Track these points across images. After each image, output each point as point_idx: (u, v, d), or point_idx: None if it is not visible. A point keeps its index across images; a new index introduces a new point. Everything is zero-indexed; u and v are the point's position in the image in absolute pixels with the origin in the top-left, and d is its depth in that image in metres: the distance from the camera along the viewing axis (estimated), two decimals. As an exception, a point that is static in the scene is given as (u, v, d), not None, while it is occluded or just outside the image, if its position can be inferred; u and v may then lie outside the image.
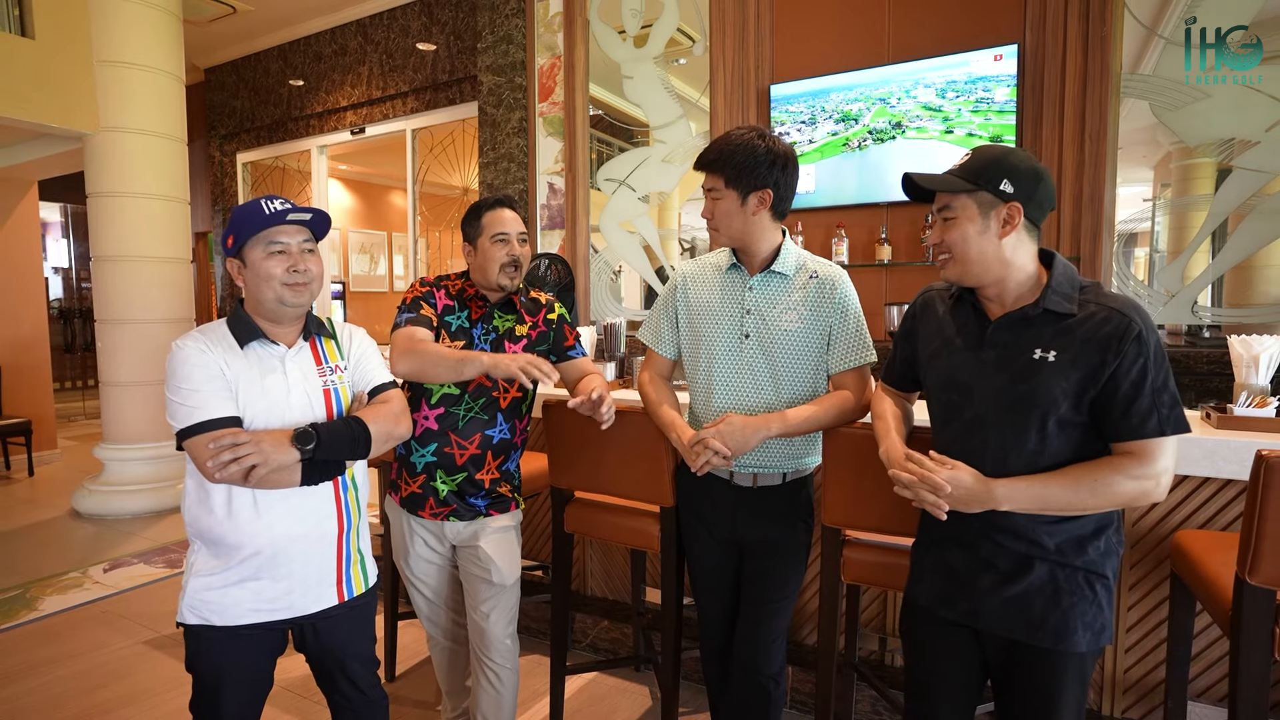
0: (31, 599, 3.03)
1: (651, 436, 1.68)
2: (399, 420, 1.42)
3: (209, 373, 1.27)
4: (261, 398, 1.31)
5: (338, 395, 1.40)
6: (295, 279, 1.33)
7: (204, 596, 1.31)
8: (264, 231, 1.31)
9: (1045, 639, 1.14)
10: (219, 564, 1.31)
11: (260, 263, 1.32)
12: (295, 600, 1.35)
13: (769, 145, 1.47)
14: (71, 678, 2.41)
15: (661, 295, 1.70)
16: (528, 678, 2.31)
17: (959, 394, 1.21)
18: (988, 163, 1.16)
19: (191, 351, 1.28)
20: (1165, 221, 2.98)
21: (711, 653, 1.70)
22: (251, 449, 1.20)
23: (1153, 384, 1.08)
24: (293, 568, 1.34)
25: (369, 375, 1.46)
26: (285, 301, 1.33)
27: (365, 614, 1.48)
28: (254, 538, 1.30)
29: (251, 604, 1.32)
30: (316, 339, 1.42)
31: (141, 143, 4.15)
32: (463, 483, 1.69)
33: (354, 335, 1.49)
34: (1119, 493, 1.08)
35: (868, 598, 2.15)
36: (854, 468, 1.53)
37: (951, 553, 1.24)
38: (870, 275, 3.34)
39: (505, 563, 1.72)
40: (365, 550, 1.49)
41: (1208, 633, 1.74)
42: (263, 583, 1.32)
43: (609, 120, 4.08)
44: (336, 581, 1.41)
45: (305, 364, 1.38)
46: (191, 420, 1.24)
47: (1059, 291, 1.14)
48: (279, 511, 1.31)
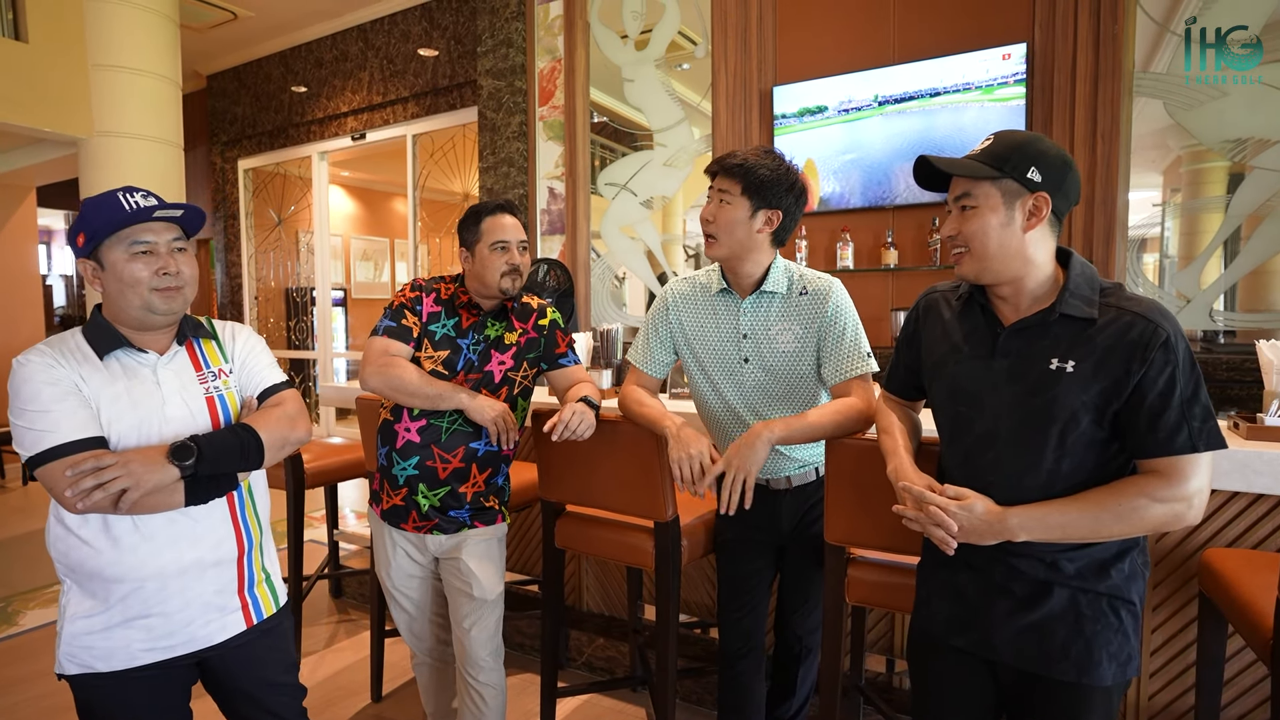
0: (13, 614, 2.96)
1: (645, 449, 1.59)
2: (294, 424, 1.27)
3: (60, 389, 1.10)
4: (130, 412, 1.15)
5: (223, 402, 1.25)
6: (166, 283, 1.17)
7: (84, 642, 1.15)
8: (126, 230, 1.15)
9: (1067, 671, 1.05)
10: (96, 604, 1.15)
11: (122, 265, 1.15)
12: (196, 632, 1.21)
13: (789, 171, 1.48)
14: (42, 697, 2.33)
15: (651, 315, 1.67)
16: (519, 698, 2.22)
17: (968, 406, 1.12)
18: (1013, 148, 1.05)
19: (37, 368, 1.11)
20: (1175, 226, 2.90)
21: (743, 662, 1.67)
22: (119, 470, 1.05)
23: (1182, 395, 0.98)
24: (188, 597, 1.19)
25: (257, 377, 1.31)
26: (155, 309, 1.18)
27: (279, 637, 1.34)
28: (137, 569, 1.14)
29: (143, 643, 1.17)
30: (194, 341, 1.27)
31: (136, 148, 4.11)
32: (445, 497, 1.62)
33: (237, 333, 1.35)
34: (1147, 518, 0.99)
35: (874, 617, 2.05)
36: (858, 482, 1.43)
37: (962, 576, 1.14)
38: (876, 280, 3.26)
39: (487, 576, 1.65)
40: (272, 569, 1.35)
41: (1240, 657, 1.63)
42: (153, 619, 1.16)
43: (611, 125, 4.02)
44: (242, 606, 1.27)
45: (182, 371, 1.23)
46: (42, 445, 1.07)
47: (1077, 294, 1.04)
48: (165, 537, 1.16)
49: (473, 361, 1.64)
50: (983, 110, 2.98)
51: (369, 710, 2.24)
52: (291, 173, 6.35)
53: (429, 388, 1.54)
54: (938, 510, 1.05)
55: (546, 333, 1.72)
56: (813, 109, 3.31)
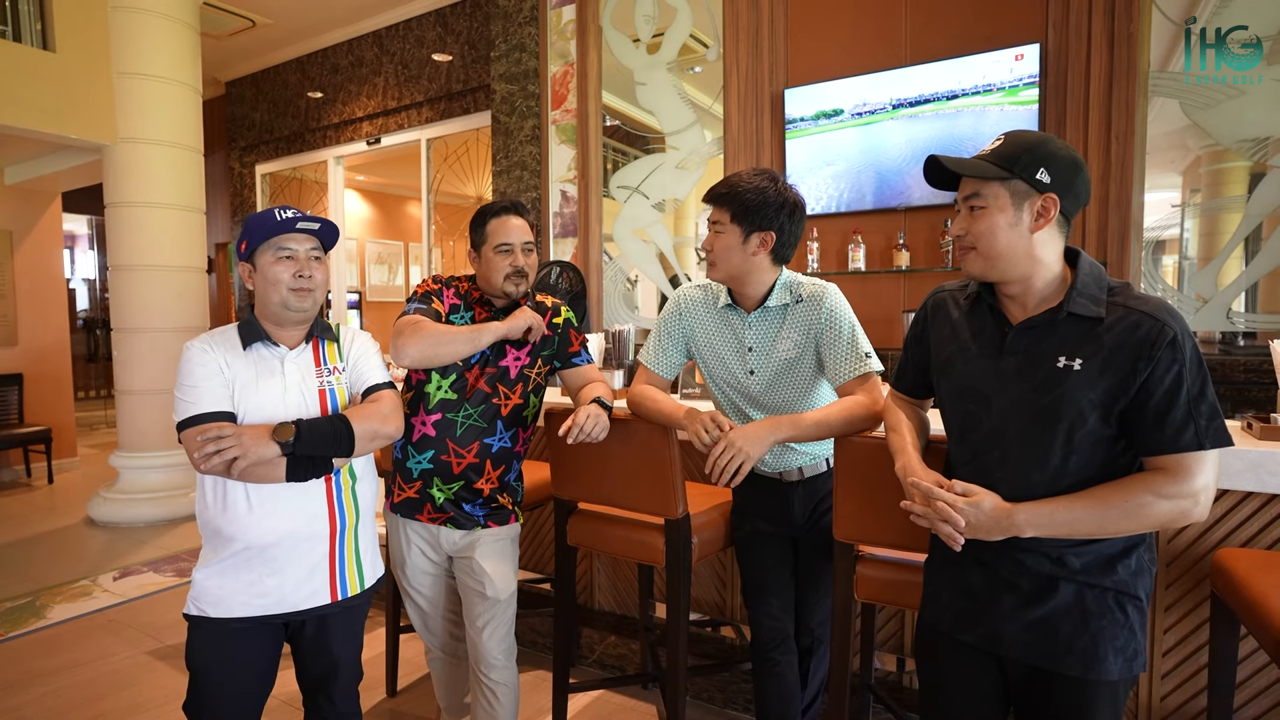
0: (40, 607, 3.03)
1: (656, 446, 1.62)
2: (387, 419, 1.42)
3: (208, 370, 1.33)
4: (256, 395, 1.35)
5: (333, 395, 1.43)
6: (300, 284, 1.38)
7: (204, 587, 1.35)
8: (274, 238, 1.38)
9: (1073, 666, 1.05)
10: (215, 555, 1.36)
11: (269, 267, 1.38)
12: (287, 595, 1.37)
13: (779, 190, 1.50)
14: (74, 688, 2.38)
15: (664, 317, 1.70)
16: (531, 694, 2.24)
17: (976, 404, 1.13)
18: (1023, 149, 1.06)
19: (196, 351, 1.35)
20: (1195, 227, 2.87)
21: (776, 651, 1.69)
22: (232, 442, 1.24)
23: (1189, 393, 0.99)
24: (282, 563, 1.36)
25: (365, 376, 1.48)
26: (289, 306, 1.38)
27: (356, 616, 1.49)
28: (245, 530, 1.33)
29: (244, 597, 1.35)
30: (320, 341, 1.47)
31: (159, 153, 4.20)
32: (460, 490, 1.64)
33: (355, 338, 1.53)
34: (1154, 514, 0.99)
35: (884, 615, 2.05)
36: (867, 480, 1.45)
37: (969, 572, 1.15)
38: (888, 282, 3.26)
39: (500, 576, 1.67)
40: (366, 552, 1.49)
41: (1254, 659, 1.62)
42: (255, 575, 1.35)
43: (623, 128, 4.05)
44: (330, 580, 1.42)
45: (305, 365, 1.43)
46: (186, 414, 1.30)
47: (1085, 293, 1.05)
48: (269, 507, 1.34)
49: (488, 355, 1.65)
50: (1003, 114, 2.96)
51: (384, 704, 2.28)
52: (308, 177, 6.44)
53: (463, 330, 1.57)
54: (946, 506, 1.06)
55: (561, 331, 1.74)
56: (828, 112, 3.32)
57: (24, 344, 5.35)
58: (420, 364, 1.57)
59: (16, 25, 3.94)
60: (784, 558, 1.70)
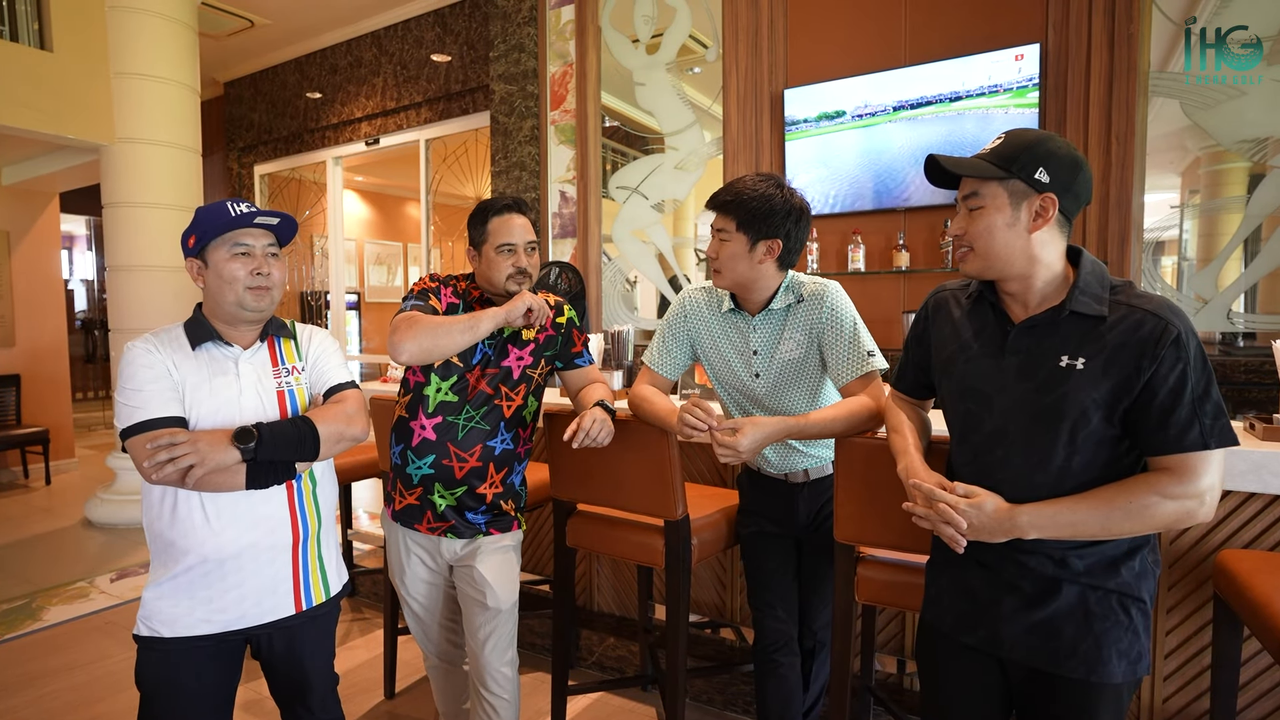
0: (37, 609, 3.02)
1: (656, 448, 1.61)
2: (352, 420, 1.35)
3: (155, 372, 1.25)
4: (209, 399, 1.27)
5: (293, 397, 1.36)
6: (258, 282, 1.31)
7: (155, 606, 1.27)
8: (230, 233, 1.29)
9: (1076, 669, 1.05)
10: (166, 571, 1.27)
11: (223, 264, 1.29)
12: (248, 610, 1.30)
13: (785, 196, 1.48)
14: (71, 690, 2.37)
15: (669, 319, 1.69)
16: (530, 696, 2.23)
17: (978, 404, 1.12)
18: (1022, 148, 1.05)
19: (139, 353, 1.26)
20: (1194, 228, 2.86)
21: (780, 653, 1.69)
22: (188, 449, 1.16)
23: (1193, 392, 0.98)
24: (243, 576, 1.29)
25: (326, 375, 1.41)
26: (245, 305, 1.31)
27: (325, 625, 1.43)
28: (201, 544, 1.25)
29: (202, 613, 1.27)
30: (275, 340, 1.39)
31: (157, 154, 4.18)
32: (463, 496, 1.60)
33: (314, 336, 1.46)
34: (1158, 515, 0.99)
35: (884, 617, 2.04)
36: (868, 481, 1.44)
37: (971, 573, 1.14)
38: (888, 282, 3.25)
39: (502, 586, 1.62)
40: (329, 558, 1.43)
41: (1257, 660, 1.62)
42: (212, 591, 1.27)
43: (622, 129, 4.04)
44: (293, 590, 1.35)
45: (260, 365, 1.35)
46: (132, 420, 1.21)
47: (1087, 292, 1.04)
48: (227, 517, 1.27)
49: (489, 355, 1.62)
50: (1007, 116, 2.95)
51: (382, 707, 2.26)
52: (306, 178, 6.42)
53: (460, 320, 1.48)
54: (948, 508, 1.06)
55: (564, 330, 1.70)
56: (830, 114, 3.31)
57: (21, 345, 5.33)
58: (419, 359, 1.47)
59: (14, 25, 3.93)
60: (788, 560, 1.69)
